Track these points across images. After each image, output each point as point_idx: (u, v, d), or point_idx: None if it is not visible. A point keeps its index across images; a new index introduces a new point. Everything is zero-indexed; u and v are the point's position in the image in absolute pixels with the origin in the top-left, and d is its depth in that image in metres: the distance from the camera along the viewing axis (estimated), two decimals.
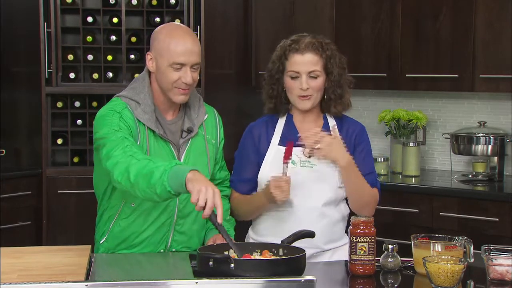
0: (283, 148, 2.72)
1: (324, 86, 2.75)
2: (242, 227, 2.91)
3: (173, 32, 2.63)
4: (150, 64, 2.66)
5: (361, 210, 2.71)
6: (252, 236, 2.84)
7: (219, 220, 2.28)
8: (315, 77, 2.71)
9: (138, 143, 2.60)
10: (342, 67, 2.78)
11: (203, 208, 2.26)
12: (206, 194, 2.25)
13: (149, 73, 2.70)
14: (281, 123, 2.83)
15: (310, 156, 2.73)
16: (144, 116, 2.62)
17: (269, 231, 2.76)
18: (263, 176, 2.76)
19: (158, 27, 2.71)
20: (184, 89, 2.63)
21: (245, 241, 2.83)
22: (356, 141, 2.80)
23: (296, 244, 2.49)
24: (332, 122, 2.81)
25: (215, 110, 2.88)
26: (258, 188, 2.79)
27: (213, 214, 2.28)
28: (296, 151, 2.73)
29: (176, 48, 2.59)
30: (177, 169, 2.32)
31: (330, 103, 2.78)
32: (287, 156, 2.64)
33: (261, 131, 2.83)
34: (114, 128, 2.55)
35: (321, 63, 2.72)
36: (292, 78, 2.73)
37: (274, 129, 2.82)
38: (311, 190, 2.71)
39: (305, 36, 2.76)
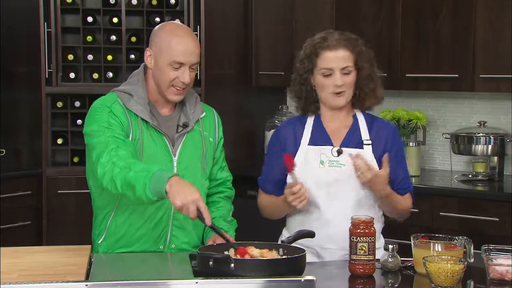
0: (313, 148, 2.74)
1: (355, 82, 2.73)
2: (276, 227, 2.91)
3: (175, 31, 2.65)
4: (148, 60, 2.68)
5: (396, 218, 2.82)
6: (286, 235, 2.80)
7: (207, 223, 2.37)
8: (348, 73, 2.69)
9: (131, 136, 2.61)
10: (371, 61, 2.76)
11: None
12: (188, 210, 2.34)
13: (145, 69, 2.72)
14: (309, 123, 2.80)
15: (338, 155, 2.72)
16: (137, 107, 2.64)
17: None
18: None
19: (160, 25, 2.73)
20: (180, 88, 2.65)
21: (279, 240, 2.80)
22: (387, 145, 2.75)
23: (324, 246, 2.60)
24: (363, 124, 2.77)
25: (214, 110, 2.88)
26: None
27: (201, 217, 2.37)
28: (325, 150, 2.73)
29: (177, 47, 2.60)
30: (156, 181, 2.36)
31: (364, 98, 2.76)
32: (290, 166, 2.62)
33: (287, 134, 2.81)
34: (104, 125, 2.58)
35: (352, 58, 2.70)
36: (325, 75, 2.70)
37: (303, 130, 2.79)
38: (339, 190, 2.69)
39: (332, 33, 2.74)
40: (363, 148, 2.73)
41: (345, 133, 2.77)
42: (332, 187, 2.69)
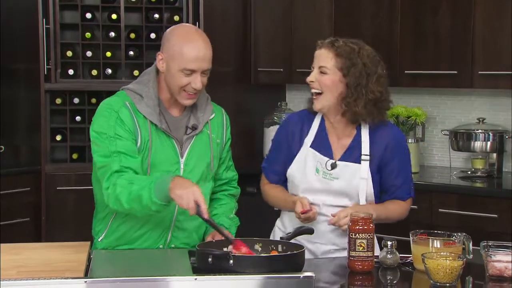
0: (313, 153, 2.74)
1: (339, 90, 2.69)
2: (269, 220, 2.93)
3: (186, 36, 2.61)
4: (160, 64, 2.65)
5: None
6: (280, 226, 2.85)
7: (204, 215, 2.41)
8: (324, 73, 2.68)
9: (139, 139, 2.61)
10: (364, 77, 2.66)
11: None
12: (187, 198, 2.39)
13: (157, 69, 2.70)
14: (315, 124, 2.80)
15: (332, 169, 2.72)
16: (146, 109, 2.63)
17: (293, 227, 2.70)
18: (291, 173, 2.79)
19: (172, 28, 2.69)
20: (192, 93, 2.63)
21: (272, 232, 2.85)
22: (386, 154, 2.73)
23: (312, 240, 2.59)
24: (365, 134, 2.73)
25: (223, 110, 2.86)
26: (288, 184, 2.82)
27: (199, 209, 2.41)
28: (322, 160, 2.73)
29: (189, 54, 2.57)
30: (159, 183, 2.45)
31: (343, 110, 2.72)
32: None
33: (295, 129, 2.82)
34: (110, 135, 2.59)
35: (333, 61, 2.67)
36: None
37: (309, 129, 2.80)
38: (327, 199, 2.72)
39: (338, 38, 2.76)
40: (360, 163, 2.72)
41: (346, 146, 2.75)
42: (322, 195, 2.73)
